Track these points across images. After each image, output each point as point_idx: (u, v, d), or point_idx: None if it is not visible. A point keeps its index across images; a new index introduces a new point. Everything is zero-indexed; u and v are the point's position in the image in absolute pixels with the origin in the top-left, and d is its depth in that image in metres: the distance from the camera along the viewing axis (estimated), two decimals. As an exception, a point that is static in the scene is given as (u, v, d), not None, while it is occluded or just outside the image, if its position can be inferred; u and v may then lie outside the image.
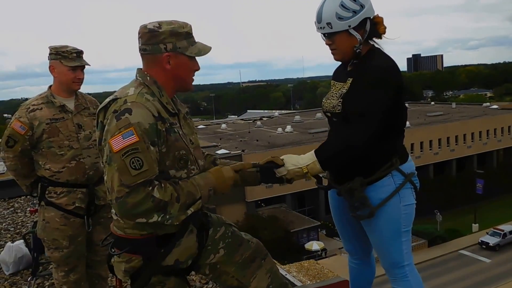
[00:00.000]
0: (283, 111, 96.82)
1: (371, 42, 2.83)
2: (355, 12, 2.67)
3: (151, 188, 2.17)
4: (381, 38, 2.83)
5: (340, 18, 2.66)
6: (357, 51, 2.75)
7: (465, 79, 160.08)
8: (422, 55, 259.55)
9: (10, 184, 7.83)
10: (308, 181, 2.87)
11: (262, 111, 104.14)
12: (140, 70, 2.42)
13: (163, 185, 2.21)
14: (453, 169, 55.41)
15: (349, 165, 2.78)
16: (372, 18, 2.76)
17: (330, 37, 2.75)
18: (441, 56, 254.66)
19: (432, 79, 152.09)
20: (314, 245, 38.09)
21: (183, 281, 2.53)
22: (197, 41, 2.41)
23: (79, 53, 3.61)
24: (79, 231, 3.68)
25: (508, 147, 59.06)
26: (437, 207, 43.57)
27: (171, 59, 2.34)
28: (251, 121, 68.81)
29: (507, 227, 39.64)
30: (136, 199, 2.14)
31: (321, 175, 2.98)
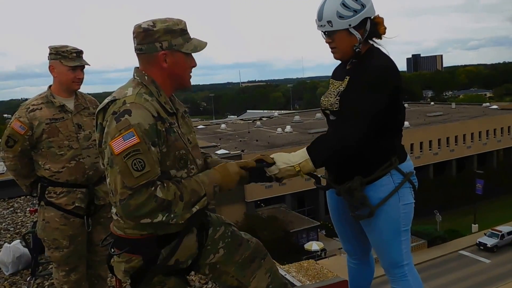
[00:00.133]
0: (283, 111, 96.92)
1: (370, 42, 2.84)
2: (356, 12, 2.67)
3: (153, 188, 2.16)
4: (381, 39, 2.83)
5: (341, 17, 2.67)
6: (357, 50, 2.75)
7: (465, 79, 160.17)
8: (422, 55, 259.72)
9: (10, 184, 7.84)
10: (307, 181, 2.87)
11: (261, 111, 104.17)
12: (138, 70, 2.40)
13: (165, 185, 2.21)
14: (452, 169, 55.41)
15: (348, 165, 2.79)
16: (372, 18, 2.77)
17: (330, 36, 2.76)
18: (441, 56, 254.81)
19: (431, 79, 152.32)
20: (314, 246, 38.09)
21: (183, 281, 2.53)
22: (192, 37, 2.40)
23: (79, 53, 3.61)
24: (79, 231, 3.68)
25: (508, 147, 59.07)
26: (436, 207, 43.61)
27: (168, 57, 2.32)
28: (251, 121, 68.89)
29: (505, 228, 39.51)
30: (139, 200, 2.13)
31: (320, 175, 2.98)
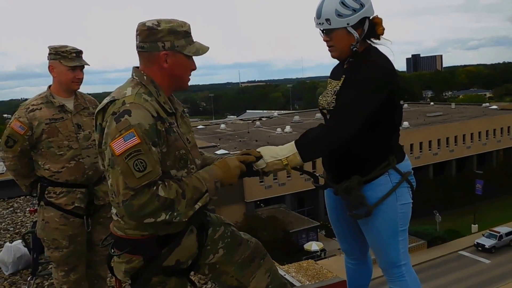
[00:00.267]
0: (282, 111, 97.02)
1: (368, 42, 2.84)
2: (354, 11, 2.68)
3: (155, 188, 2.15)
4: (379, 39, 2.84)
5: (340, 15, 2.67)
6: (354, 49, 2.76)
7: (464, 79, 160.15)
8: (421, 55, 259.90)
9: (9, 184, 7.84)
10: (307, 181, 2.87)
11: (261, 111, 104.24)
12: (137, 69, 2.39)
13: (167, 183, 2.20)
14: (452, 169, 55.45)
15: (345, 164, 2.80)
16: (371, 18, 2.77)
17: (328, 34, 2.76)
18: (441, 56, 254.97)
19: (431, 79, 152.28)
20: (313, 246, 38.10)
21: (183, 281, 2.53)
22: (195, 40, 2.40)
23: (78, 53, 3.61)
24: (78, 231, 3.68)
25: (507, 148, 59.14)
26: (436, 207, 43.63)
27: (169, 57, 2.32)
28: (250, 121, 68.98)
29: (503, 229, 39.46)
30: (142, 200, 2.12)
31: (318, 174, 2.98)
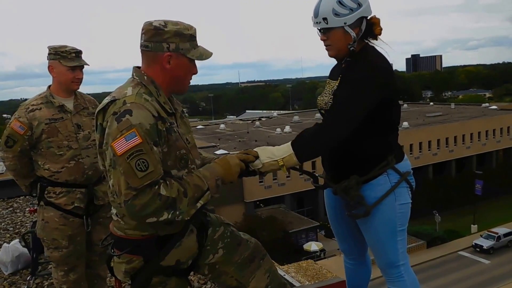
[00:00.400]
0: (282, 112, 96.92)
1: (366, 41, 2.84)
2: (352, 10, 2.68)
3: (157, 187, 2.15)
4: (376, 39, 2.84)
5: (337, 15, 2.67)
6: (351, 48, 2.76)
7: (464, 79, 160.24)
8: (421, 56, 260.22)
9: (9, 184, 7.85)
10: (307, 181, 2.88)
11: (261, 111, 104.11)
12: (137, 69, 2.39)
13: (168, 182, 2.20)
14: (452, 170, 55.43)
15: (344, 164, 2.80)
16: (369, 18, 2.78)
17: (325, 33, 2.76)
18: (440, 56, 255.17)
19: (431, 79, 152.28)
20: (313, 246, 38.06)
21: (183, 281, 2.53)
22: (199, 45, 2.40)
23: (78, 53, 3.61)
24: (78, 231, 3.68)
25: (507, 148, 59.12)
26: (436, 208, 43.61)
27: (172, 59, 2.32)
28: (250, 121, 68.95)
29: (501, 229, 39.37)
30: (144, 200, 2.12)
31: (317, 174, 2.99)
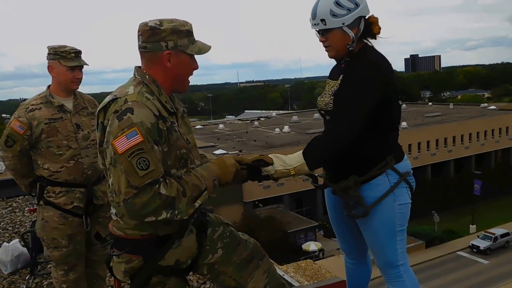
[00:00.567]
0: (281, 112, 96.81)
1: (365, 41, 2.84)
2: (349, 10, 2.68)
3: (157, 186, 2.14)
4: (375, 38, 2.84)
5: (334, 15, 2.67)
6: (350, 49, 2.76)
7: (463, 79, 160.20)
8: (420, 56, 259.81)
9: (8, 183, 7.88)
10: (305, 181, 2.89)
11: (259, 111, 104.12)
12: (139, 69, 2.39)
13: (168, 181, 2.19)
14: (450, 170, 55.41)
15: (343, 164, 2.79)
16: (367, 17, 2.78)
17: (324, 34, 2.76)
18: (439, 56, 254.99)
19: (430, 79, 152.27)
20: (312, 246, 38.03)
21: (183, 281, 2.53)
22: (196, 39, 2.40)
23: (77, 53, 3.62)
24: (77, 230, 3.69)
25: (506, 148, 59.11)
26: (434, 208, 43.62)
27: (172, 57, 2.31)
28: (249, 121, 68.90)
29: (498, 230, 39.30)
30: (144, 199, 2.11)
31: (317, 174, 2.99)
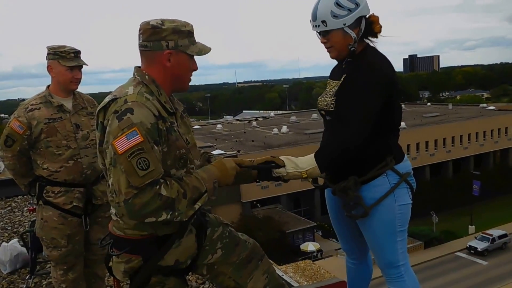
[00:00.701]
0: (279, 112, 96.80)
1: (366, 41, 2.84)
2: (350, 11, 2.68)
3: (158, 186, 2.14)
4: (376, 37, 2.84)
5: (335, 16, 2.67)
6: (352, 49, 2.75)
7: (461, 80, 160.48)
8: (418, 56, 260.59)
9: (7, 183, 7.87)
10: (303, 181, 2.89)
11: (257, 111, 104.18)
12: (138, 69, 2.39)
13: (168, 182, 2.19)
14: (449, 170, 55.41)
15: (343, 164, 2.79)
16: (367, 17, 2.77)
17: (325, 35, 2.76)
18: (438, 56, 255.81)
19: (428, 80, 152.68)
20: (310, 246, 38.01)
21: (182, 281, 2.53)
22: (197, 41, 2.40)
23: (76, 53, 3.62)
24: (77, 230, 3.69)
25: (504, 149, 59.10)
26: (433, 208, 43.55)
27: (172, 57, 2.32)
28: (247, 121, 68.82)
29: (496, 231, 39.16)
30: (144, 199, 2.11)
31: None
